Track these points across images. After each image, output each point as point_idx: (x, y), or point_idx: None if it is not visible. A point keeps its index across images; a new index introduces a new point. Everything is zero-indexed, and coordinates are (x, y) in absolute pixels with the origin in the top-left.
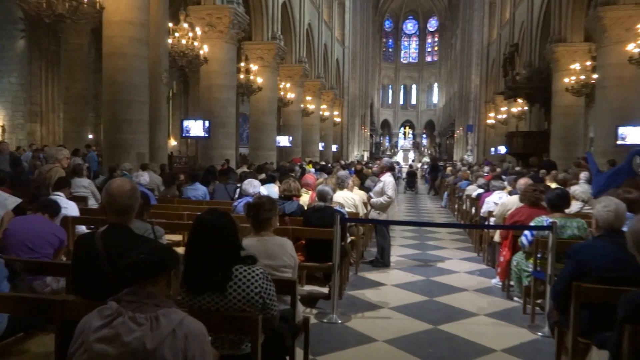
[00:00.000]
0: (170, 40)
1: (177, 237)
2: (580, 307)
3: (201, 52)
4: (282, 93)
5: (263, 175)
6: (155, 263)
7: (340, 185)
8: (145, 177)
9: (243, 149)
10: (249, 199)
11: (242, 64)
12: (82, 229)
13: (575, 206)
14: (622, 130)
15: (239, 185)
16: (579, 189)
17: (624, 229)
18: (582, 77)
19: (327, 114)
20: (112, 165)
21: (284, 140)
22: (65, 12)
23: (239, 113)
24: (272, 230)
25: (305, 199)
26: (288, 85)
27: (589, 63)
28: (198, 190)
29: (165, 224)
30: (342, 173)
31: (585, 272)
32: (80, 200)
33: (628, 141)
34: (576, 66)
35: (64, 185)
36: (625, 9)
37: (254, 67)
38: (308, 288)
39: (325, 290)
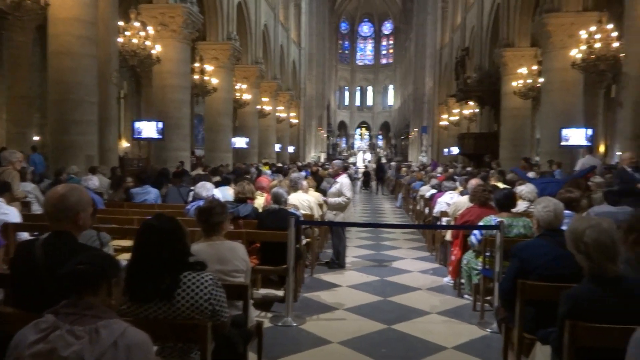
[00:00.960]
0: (120, 39)
1: (127, 243)
2: (524, 304)
3: (153, 51)
4: (237, 94)
5: (218, 178)
6: (94, 272)
7: (294, 186)
8: (94, 181)
9: (199, 151)
10: (202, 202)
11: (197, 65)
12: (25, 236)
13: (521, 205)
14: (565, 132)
15: (192, 188)
16: (525, 189)
17: (563, 227)
18: (529, 80)
19: (283, 115)
20: (58, 169)
21: (240, 142)
22: (7, 8)
23: (193, 114)
24: (224, 234)
25: (259, 201)
26: (244, 86)
27: (535, 67)
28: (150, 194)
29: (114, 229)
30: (295, 175)
31: (528, 270)
32: (24, 205)
33: (571, 142)
34: (523, 70)
35: (4, 190)
36: (568, 16)
37: (208, 68)
38: (263, 291)
39: (280, 293)
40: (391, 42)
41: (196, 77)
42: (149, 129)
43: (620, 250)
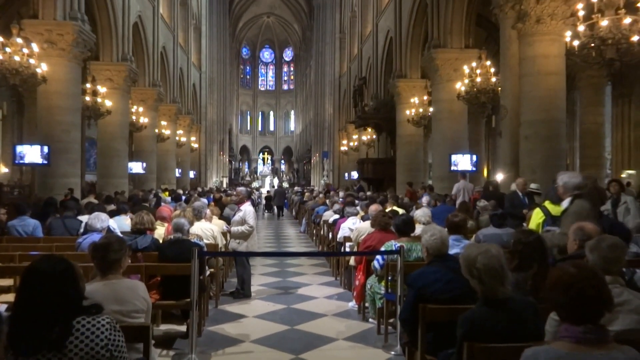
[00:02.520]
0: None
1: (7, 282)
2: (426, 328)
3: (39, 70)
4: (134, 117)
5: (112, 206)
6: None
7: (198, 216)
8: None
9: (91, 177)
10: (96, 235)
11: (89, 85)
12: None
13: (418, 229)
14: (454, 157)
15: (80, 218)
16: (420, 212)
17: (451, 252)
18: (421, 109)
19: (184, 139)
20: None
21: (136, 167)
22: None
23: (85, 138)
24: (122, 272)
25: (160, 231)
26: (141, 109)
27: (425, 97)
28: (27, 227)
29: None
30: (198, 203)
31: (425, 297)
32: None
33: (460, 167)
34: (415, 100)
35: None
36: (453, 51)
37: (101, 89)
38: (164, 327)
39: (182, 328)
40: (292, 68)
41: (88, 98)
42: (32, 153)
43: (508, 273)
